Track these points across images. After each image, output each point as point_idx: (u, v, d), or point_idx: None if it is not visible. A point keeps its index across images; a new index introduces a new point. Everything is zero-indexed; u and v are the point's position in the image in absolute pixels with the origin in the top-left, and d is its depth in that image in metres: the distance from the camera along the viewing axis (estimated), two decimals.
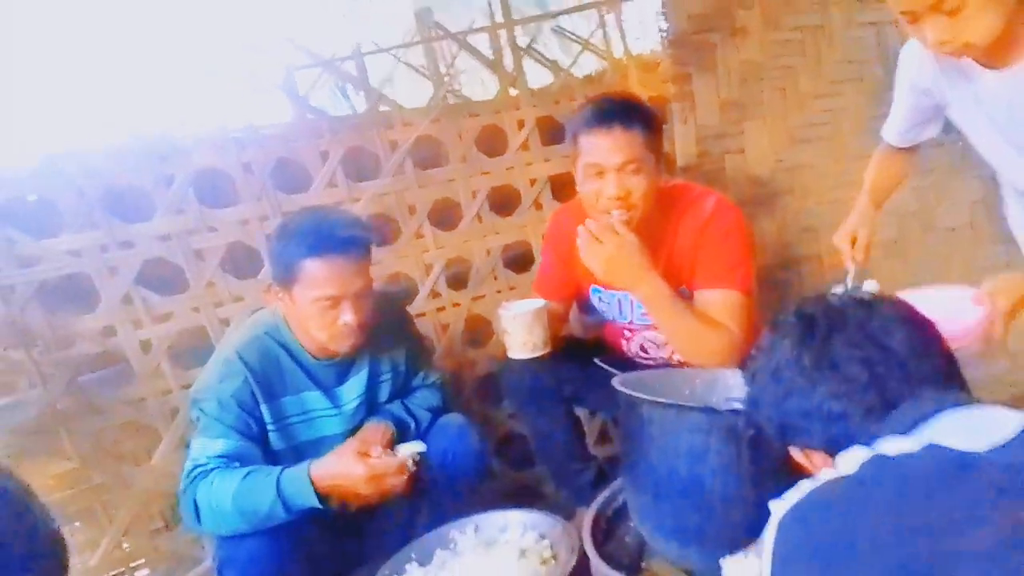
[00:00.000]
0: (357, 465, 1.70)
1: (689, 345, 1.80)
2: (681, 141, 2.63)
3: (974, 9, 1.24)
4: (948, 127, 1.72)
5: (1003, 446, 0.72)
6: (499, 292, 2.64)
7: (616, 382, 1.54)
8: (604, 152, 1.76)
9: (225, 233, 2.28)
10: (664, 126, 2.67)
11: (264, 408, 1.82)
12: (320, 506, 1.68)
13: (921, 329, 0.92)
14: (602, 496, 1.72)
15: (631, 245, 1.73)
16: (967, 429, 0.77)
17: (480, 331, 2.65)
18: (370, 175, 2.44)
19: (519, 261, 2.68)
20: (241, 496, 1.66)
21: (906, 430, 0.81)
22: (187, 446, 2.23)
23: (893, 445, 0.77)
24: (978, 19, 1.26)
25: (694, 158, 2.64)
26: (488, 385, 2.66)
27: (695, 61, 2.59)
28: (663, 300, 1.78)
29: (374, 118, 2.39)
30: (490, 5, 2.36)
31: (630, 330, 2.09)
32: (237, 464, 1.74)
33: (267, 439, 1.84)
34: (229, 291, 2.30)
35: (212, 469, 1.72)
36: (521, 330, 1.88)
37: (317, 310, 1.75)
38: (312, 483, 1.68)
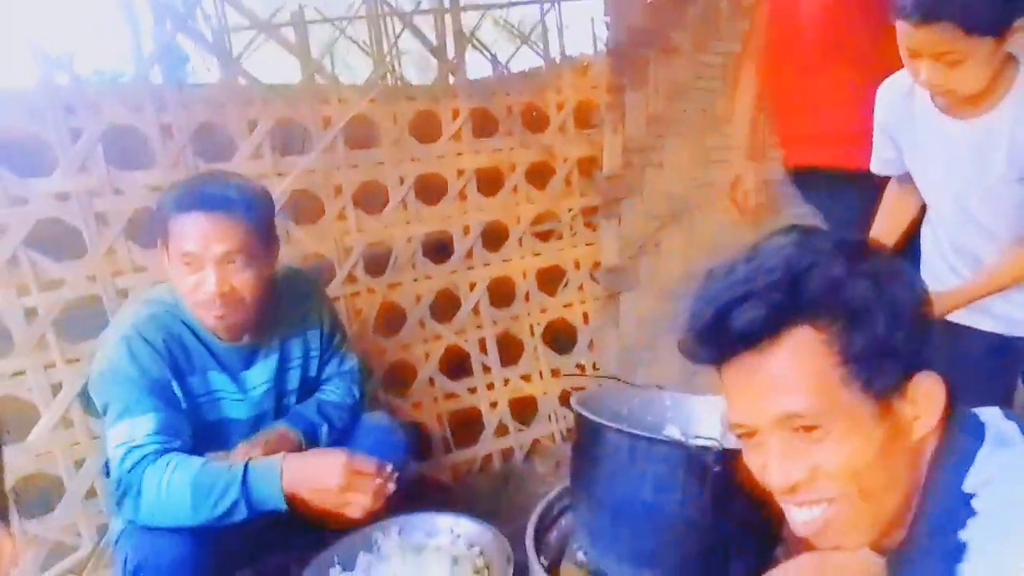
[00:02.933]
0: (332, 476, 1.60)
1: None
2: (608, 150, 2.69)
3: (970, 64, 1.39)
4: None
5: None
6: (416, 280, 2.60)
7: (576, 403, 1.57)
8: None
9: (133, 197, 2.08)
10: (591, 129, 2.74)
11: (174, 384, 1.70)
12: (284, 508, 1.59)
13: None
14: (540, 507, 1.76)
15: None
16: None
17: (393, 319, 2.60)
18: (297, 149, 2.31)
19: (439, 251, 2.65)
20: (199, 487, 1.55)
21: None
22: (71, 426, 2.07)
23: None
24: (971, 73, 1.40)
25: (618, 168, 2.71)
26: (395, 373, 2.62)
27: (630, 74, 2.64)
28: None
29: (309, 90, 2.25)
30: None
31: None
32: (176, 441, 1.62)
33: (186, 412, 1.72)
34: (132, 260, 2.10)
35: (159, 451, 1.58)
36: None
37: (183, 272, 1.64)
38: (285, 487, 1.58)
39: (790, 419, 0.82)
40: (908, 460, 0.84)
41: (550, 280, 2.86)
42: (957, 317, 1.69)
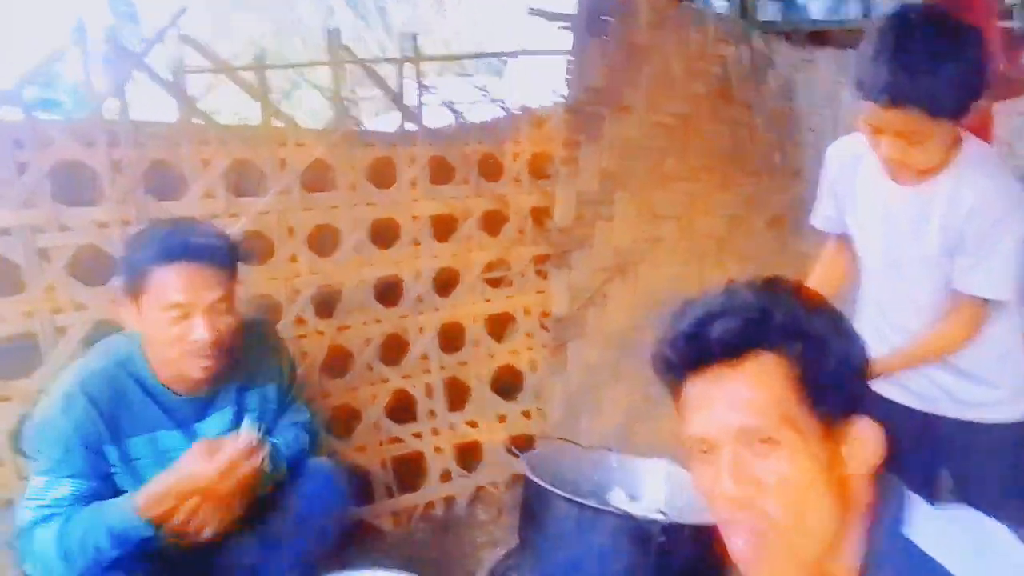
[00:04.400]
0: (201, 461, 1.58)
1: None
2: (561, 202, 2.74)
3: (930, 144, 1.48)
4: None
5: None
6: (365, 324, 2.59)
7: (526, 465, 1.59)
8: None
9: (79, 233, 2.03)
10: (545, 180, 2.79)
11: (110, 448, 1.67)
12: (150, 533, 1.56)
13: None
14: (488, 567, 1.77)
15: None
16: None
17: (340, 361, 2.58)
18: (252, 191, 2.29)
19: (389, 295, 2.64)
20: (64, 535, 1.53)
21: None
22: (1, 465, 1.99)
23: None
24: (930, 151, 1.50)
25: (570, 220, 2.76)
26: (340, 416, 2.60)
27: (585, 129, 2.71)
28: None
29: (267, 133, 2.25)
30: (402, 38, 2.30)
31: None
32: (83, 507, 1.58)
33: (112, 480, 1.69)
34: (72, 298, 2.05)
35: (56, 515, 1.55)
36: None
37: (166, 322, 1.61)
38: (139, 506, 1.55)
39: (749, 432, 0.89)
40: (843, 502, 0.90)
41: (499, 326, 2.89)
42: (876, 387, 1.76)
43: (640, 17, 2.76)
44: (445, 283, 2.74)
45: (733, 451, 0.89)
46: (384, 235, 2.58)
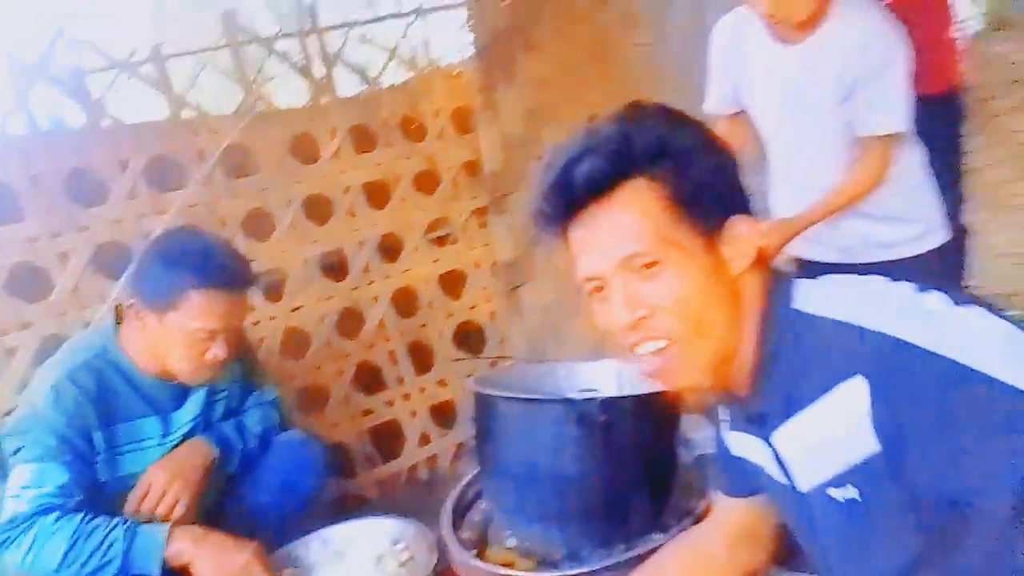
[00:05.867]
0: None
1: None
2: (487, 149, 2.77)
3: None
4: None
5: None
6: (317, 301, 2.61)
7: (471, 383, 1.62)
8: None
9: (9, 252, 2.04)
10: (470, 134, 2.82)
11: (97, 435, 1.69)
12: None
13: None
14: (458, 488, 1.80)
15: None
16: None
17: (298, 344, 2.60)
18: (174, 185, 2.31)
19: (336, 269, 2.67)
20: (80, 536, 1.55)
21: None
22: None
23: None
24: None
25: (500, 164, 2.79)
26: (309, 397, 2.62)
27: (498, 72, 2.74)
28: None
29: (178, 125, 2.26)
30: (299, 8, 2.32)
31: None
32: (77, 499, 1.61)
33: (95, 468, 1.71)
34: (17, 317, 2.06)
35: (59, 505, 1.58)
36: None
37: (189, 341, 1.67)
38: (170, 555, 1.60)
39: (631, 259, 0.92)
40: (733, 300, 0.94)
41: (453, 284, 2.91)
42: (795, 250, 1.81)
43: None
44: (390, 249, 2.76)
45: (622, 280, 0.93)
46: (319, 211, 2.60)
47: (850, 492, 0.86)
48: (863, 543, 0.87)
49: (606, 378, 1.84)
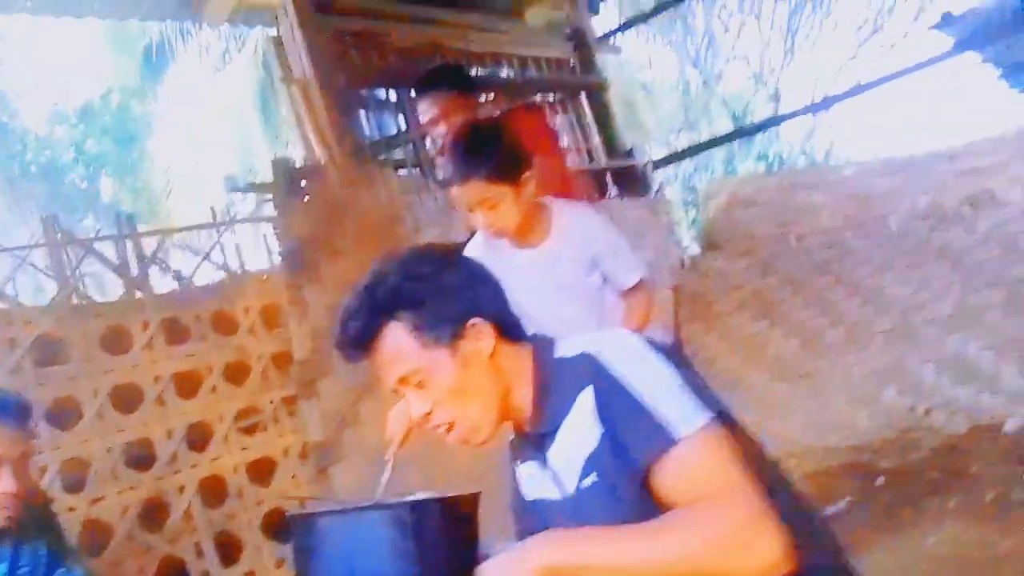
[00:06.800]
0: None
1: None
2: (297, 339, 3.03)
3: (505, 204, 1.99)
4: None
5: None
6: (120, 492, 2.59)
7: (290, 515, 1.77)
8: None
9: None
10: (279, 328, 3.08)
11: None
12: None
13: None
14: None
15: None
16: None
17: (99, 537, 2.53)
18: None
19: (143, 461, 2.68)
20: None
21: None
22: None
23: None
24: (509, 210, 2.01)
25: (308, 354, 3.05)
26: None
27: (305, 273, 3.08)
28: None
29: None
30: (117, 216, 2.58)
31: None
32: None
33: None
34: None
35: None
36: None
37: None
38: None
39: (404, 379, 1.24)
40: (495, 372, 1.27)
41: (263, 472, 2.99)
42: None
43: (331, 179, 3.28)
44: (199, 438, 2.83)
45: (406, 390, 1.26)
46: (129, 400, 2.67)
47: (593, 477, 1.18)
48: (612, 519, 1.17)
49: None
